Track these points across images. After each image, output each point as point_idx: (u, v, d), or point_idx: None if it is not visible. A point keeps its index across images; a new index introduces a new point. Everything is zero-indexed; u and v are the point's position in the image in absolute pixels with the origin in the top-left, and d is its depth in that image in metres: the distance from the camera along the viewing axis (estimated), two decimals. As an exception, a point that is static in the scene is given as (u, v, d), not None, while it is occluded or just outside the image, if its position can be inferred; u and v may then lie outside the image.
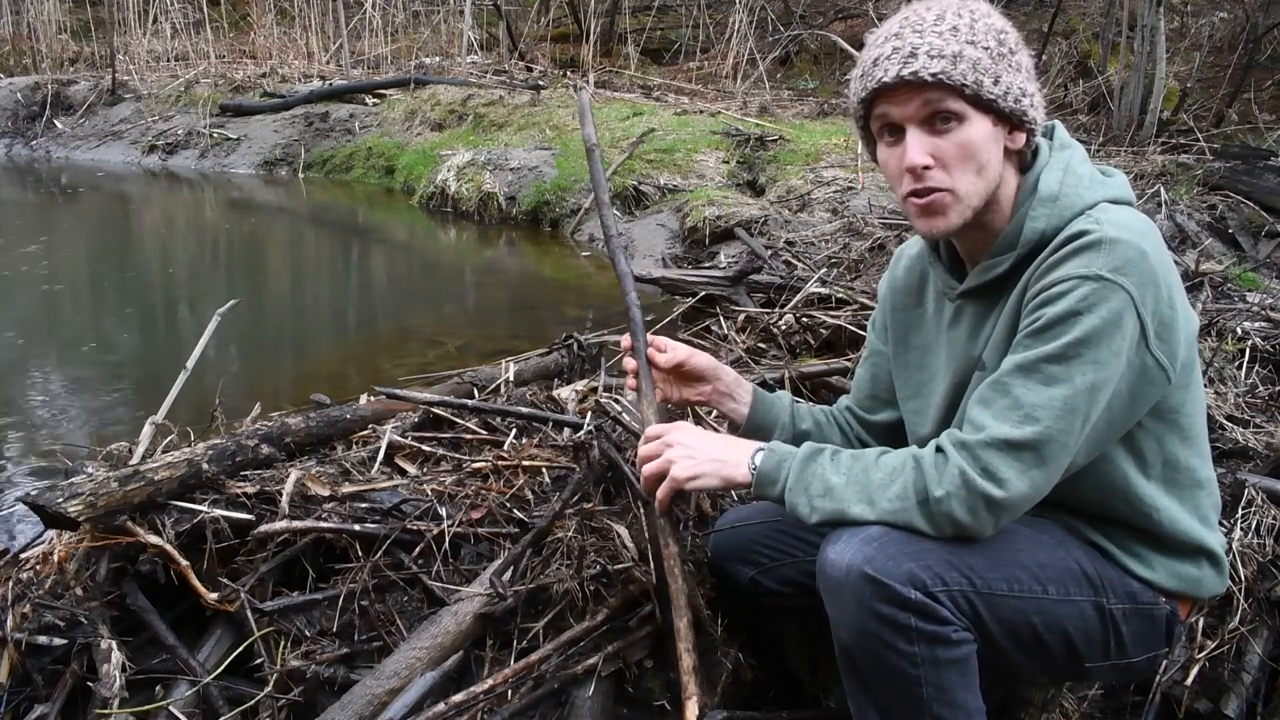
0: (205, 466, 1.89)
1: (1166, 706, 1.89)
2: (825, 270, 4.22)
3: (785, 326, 3.49)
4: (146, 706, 1.68)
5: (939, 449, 1.34)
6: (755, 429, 1.71)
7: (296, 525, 1.83)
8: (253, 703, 1.67)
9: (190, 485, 1.86)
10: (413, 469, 2.12)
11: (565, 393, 2.54)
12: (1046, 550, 1.40)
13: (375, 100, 9.80)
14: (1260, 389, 2.75)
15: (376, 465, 2.10)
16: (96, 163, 9.72)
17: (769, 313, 3.61)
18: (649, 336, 1.72)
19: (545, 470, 2.10)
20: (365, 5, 11.20)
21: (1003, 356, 1.36)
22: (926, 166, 1.36)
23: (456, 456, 2.17)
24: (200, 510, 1.81)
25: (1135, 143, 6.93)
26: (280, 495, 1.88)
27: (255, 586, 1.78)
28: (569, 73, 10.67)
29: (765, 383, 2.60)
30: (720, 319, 3.74)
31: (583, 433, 2.22)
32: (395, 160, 8.60)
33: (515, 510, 1.97)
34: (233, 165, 9.35)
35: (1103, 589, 1.41)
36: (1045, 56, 8.76)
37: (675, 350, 1.70)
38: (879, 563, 1.28)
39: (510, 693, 1.65)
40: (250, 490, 1.90)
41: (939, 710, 1.32)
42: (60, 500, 1.70)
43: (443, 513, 1.91)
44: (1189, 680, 1.89)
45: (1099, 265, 1.28)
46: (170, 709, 1.67)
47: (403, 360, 3.97)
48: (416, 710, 1.58)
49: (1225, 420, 2.51)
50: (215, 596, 1.76)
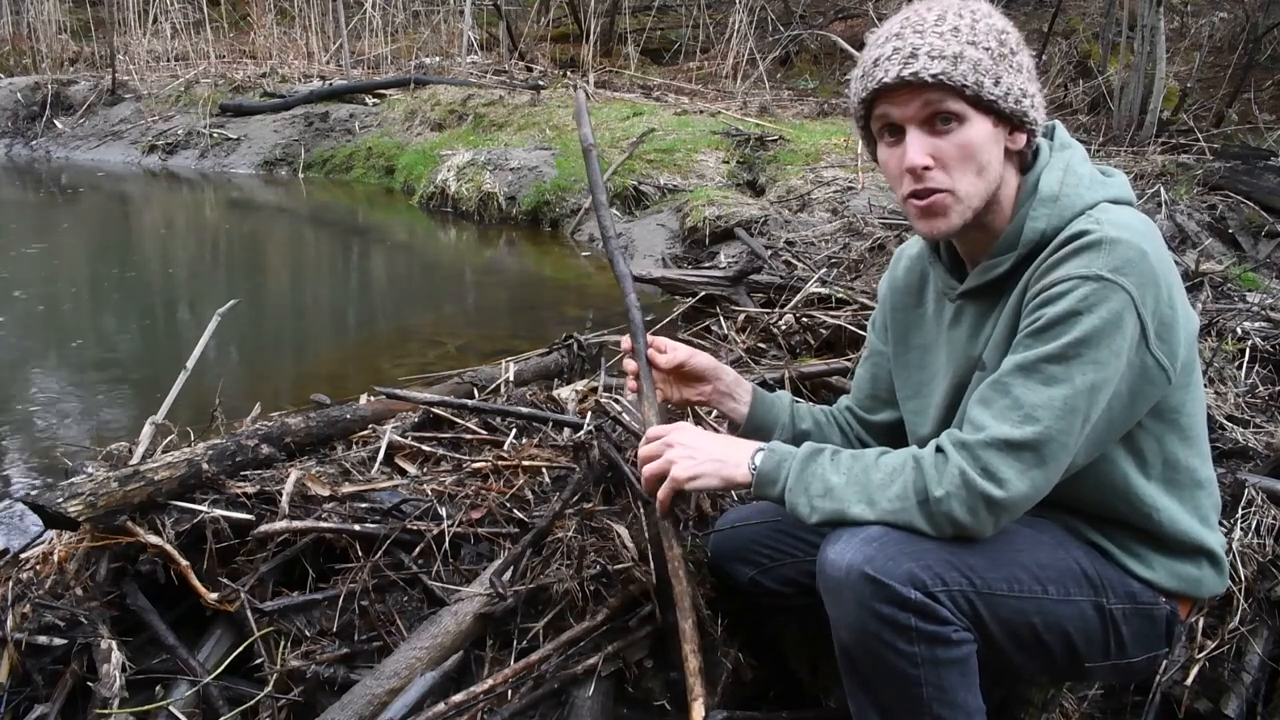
0: (205, 466, 1.89)
1: (1166, 706, 1.89)
2: (825, 270, 4.22)
3: (785, 326, 3.49)
4: (146, 706, 1.68)
5: (939, 449, 1.34)
6: (755, 428, 1.72)
7: (296, 525, 1.83)
8: (253, 703, 1.67)
9: (190, 485, 1.86)
10: (413, 469, 2.12)
11: (565, 393, 2.54)
12: (1046, 550, 1.40)
13: (375, 100, 9.81)
14: (1260, 389, 2.75)
15: (376, 465, 2.10)
16: (96, 163, 9.72)
17: (769, 313, 3.61)
18: (649, 338, 1.72)
19: (545, 470, 2.10)
20: (365, 5, 11.20)
21: (1003, 356, 1.36)
22: (927, 167, 1.36)
23: (456, 456, 2.17)
24: (200, 510, 1.81)
25: (1135, 143, 6.93)
26: (280, 495, 1.88)
27: (255, 586, 1.78)
28: (569, 73, 10.67)
29: (765, 383, 2.60)
30: (720, 319, 3.74)
31: (583, 433, 2.22)
32: (395, 160, 8.60)
33: (515, 510, 1.97)
34: (233, 165, 9.36)
35: (1103, 589, 1.41)
36: (1045, 56, 8.76)
37: (676, 351, 1.70)
38: (879, 563, 1.28)
39: (510, 693, 1.65)
40: (250, 490, 1.90)
41: (939, 710, 1.32)
42: (60, 500, 1.70)
43: (443, 513, 1.91)
44: (1189, 680, 1.89)
45: (1099, 265, 1.28)
46: (170, 709, 1.67)
47: (403, 360, 3.97)
48: (416, 710, 1.57)
49: (1225, 420, 2.51)
50: (215, 596, 1.76)
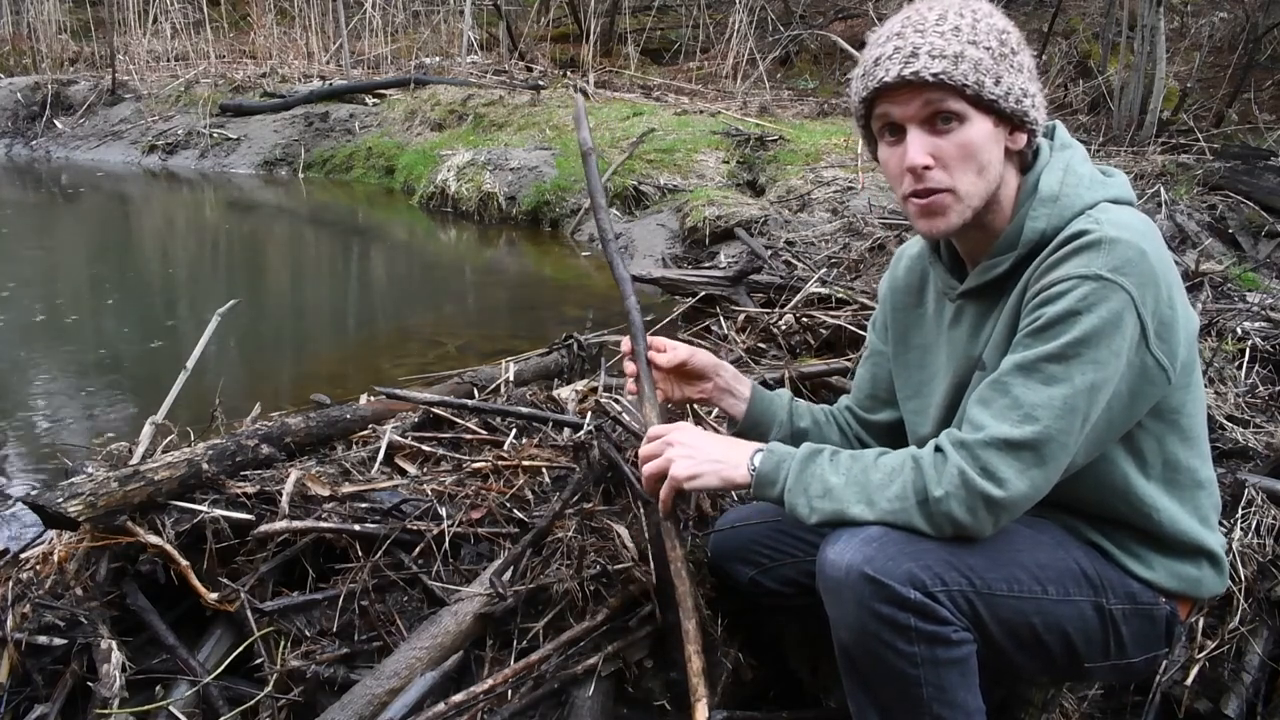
0: (205, 466, 1.89)
1: (1166, 706, 1.89)
2: (825, 270, 4.22)
3: (785, 326, 3.49)
4: (146, 706, 1.68)
5: (938, 449, 1.34)
6: (753, 424, 1.72)
7: (296, 525, 1.83)
8: (253, 703, 1.67)
9: (190, 485, 1.86)
10: (413, 469, 2.12)
11: (565, 393, 2.54)
12: (1046, 550, 1.40)
13: (375, 100, 9.80)
14: (1260, 389, 2.75)
15: (376, 465, 2.10)
16: (96, 163, 9.72)
17: (769, 313, 3.61)
18: (649, 338, 1.72)
19: (545, 470, 2.10)
20: (365, 5, 11.20)
21: (1003, 356, 1.36)
22: (927, 167, 1.36)
23: (456, 456, 2.17)
24: (200, 510, 1.81)
25: (1135, 143, 6.93)
26: (280, 495, 1.88)
27: (255, 586, 1.78)
28: (569, 73, 10.67)
29: (765, 383, 2.60)
30: (720, 319, 3.74)
31: (583, 433, 2.22)
32: (395, 160, 8.60)
33: (515, 510, 1.97)
34: (233, 165, 9.36)
35: (1102, 589, 1.41)
36: (1045, 56, 8.75)
37: (676, 350, 1.71)
38: (879, 563, 1.28)
39: (510, 693, 1.65)
40: (250, 490, 1.90)
41: (939, 710, 1.32)
42: (60, 500, 1.70)
43: (443, 513, 1.91)
44: (1189, 680, 1.89)
45: (1099, 265, 1.28)
46: (170, 709, 1.67)
47: (403, 360, 3.97)
48: (416, 710, 1.57)
49: (1225, 420, 2.51)
50: (215, 596, 1.76)
